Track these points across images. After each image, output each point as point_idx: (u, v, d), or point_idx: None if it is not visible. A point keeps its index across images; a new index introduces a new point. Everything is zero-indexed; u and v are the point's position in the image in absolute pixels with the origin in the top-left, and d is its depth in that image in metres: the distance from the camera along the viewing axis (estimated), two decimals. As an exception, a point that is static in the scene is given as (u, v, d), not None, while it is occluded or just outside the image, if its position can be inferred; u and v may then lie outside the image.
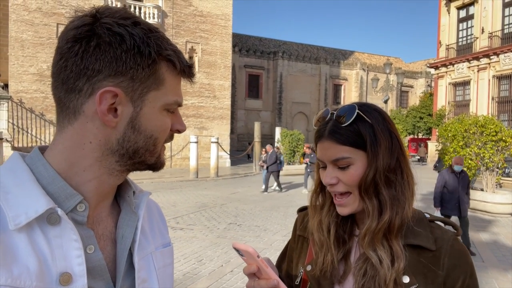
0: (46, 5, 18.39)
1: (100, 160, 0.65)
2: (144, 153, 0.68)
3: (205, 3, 22.87)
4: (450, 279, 0.86)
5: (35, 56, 18.15)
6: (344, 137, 0.87)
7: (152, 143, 0.68)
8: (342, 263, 0.94)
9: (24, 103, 17.96)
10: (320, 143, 0.92)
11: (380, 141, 0.87)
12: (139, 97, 0.65)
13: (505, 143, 9.27)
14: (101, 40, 0.62)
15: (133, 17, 0.65)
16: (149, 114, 0.66)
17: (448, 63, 24.70)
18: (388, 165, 0.87)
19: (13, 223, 0.57)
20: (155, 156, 0.70)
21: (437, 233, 0.90)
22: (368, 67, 46.47)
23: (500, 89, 21.81)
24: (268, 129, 38.47)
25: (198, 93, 22.82)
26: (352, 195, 0.89)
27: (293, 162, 19.27)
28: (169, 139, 0.73)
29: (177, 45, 0.82)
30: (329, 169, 0.90)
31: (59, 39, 0.65)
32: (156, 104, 0.67)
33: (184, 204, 10.57)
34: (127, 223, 0.71)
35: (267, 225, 8.15)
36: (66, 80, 0.63)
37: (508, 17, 21.48)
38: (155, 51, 0.64)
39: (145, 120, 0.66)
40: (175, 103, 0.70)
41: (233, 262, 5.62)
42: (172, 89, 0.69)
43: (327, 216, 0.96)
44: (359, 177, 0.87)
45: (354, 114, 0.87)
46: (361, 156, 0.87)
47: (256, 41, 44.42)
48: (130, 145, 0.66)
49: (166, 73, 0.67)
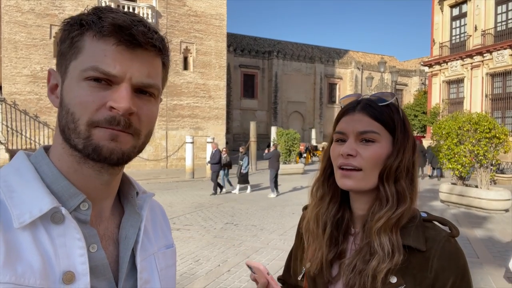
0: (39, 6, 18.26)
1: (63, 147, 0.64)
2: (69, 132, 0.61)
3: (199, 3, 22.82)
4: (439, 281, 0.83)
5: (28, 58, 18.02)
6: (378, 113, 0.89)
7: (71, 120, 0.60)
8: (337, 263, 0.93)
9: (18, 105, 17.83)
10: (348, 116, 0.91)
11: (409, 135, 0.91)
12: (64, 71, 0.63)
13: (499, 140, 9.34)
14: (70, 27, 0.63)
15: (106, 10, 0.62)
16: (68, 86, 0.61)
17: (441, 61, 24.83)
18: (410, 158, 0.90)
19: (17, 221, 0.57)
20: (81, 137, 0.60)
21: (430, 233, 0.87)
22: (363, 66, 46.60)
23: (494, 86, 21.96)
24: (263, 129, 38.47)
25: (193, 93, 22.78)
26: (362, 173, 0.87)
27: (289, 162, 19.29)
28: (104, 122, 0.60)
29: (171, 45, 0.73)
30: (350, 141, 0.89)
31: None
32: (74, 74, 0.61)
33: (181, 205, 10.55)
34: (131, 223, 0.71)
35: (264, 225, 8.16)
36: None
37: (501, 15, 21.63)
38: (79, 22, 0.61)
39: (65, 93, 0.62)
40: (91, 69, 0.59)
41: (230, 262, 5.63)
42: (90, 56, 0.60)
43: (326, 213, 0.95)
44: (379, 157, 0.87)
45: (392, 99, 0.91)
46: (387, 138, 0.89)
47: (251, 41, 44.39)
48: (62, 123, 0.62)
49: (88, 40, 0.61)
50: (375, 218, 0.87)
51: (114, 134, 0.61)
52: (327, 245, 0.93)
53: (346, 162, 0.88)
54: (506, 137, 9.50)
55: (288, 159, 19.19)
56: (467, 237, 7.09)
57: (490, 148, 9.45)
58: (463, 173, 10.04)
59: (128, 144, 0.62)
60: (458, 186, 10.20)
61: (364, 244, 0.88)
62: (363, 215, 0.92)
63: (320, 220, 0.95)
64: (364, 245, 0.88)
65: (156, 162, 21.27)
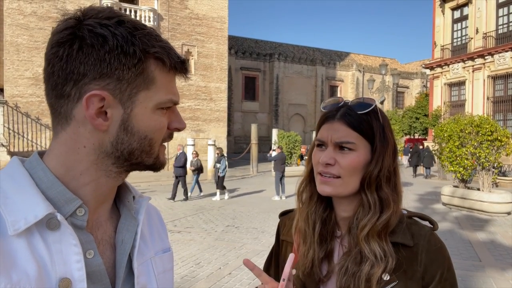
0: (41, 9, 18.34)
1: (96, 163, 0.64)
2: (140, 155, 0.66)
3: (200, 6, 22.89)
4: (428, 274, 0.88)
5: (30, 60, 18.08)
6: (357, 122, 0.90)
7: (147, 144, 0.66)
8: (326, 263, 0.95)
9: (19, 107, 17.88)
10: (328, 124, 0.93)
11: (388, 141, 0.92)
12: (129, 98, 0.63)
13: (501, 142, 9.32)
14: (83, 42, 0.60)
15: (117, 16, 0.63)
16: (141, 115, 0.64)
17: (443, 63, 24.83)
18: (390, 165, 0.92)
19: (12, 228, 0.56)
20: (152, 157, 0.68)
21: (414, 229, 0.92)
22: (364, 68, 46.64)
23: (495, 89, 21.94)
24: (265, 131, 38.48)
25: (195, 95, 22.81)
26: (340, 180, 0.90)
27: (290, 164, 19.28)
28: (167, 139, 0.71)
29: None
30: (329, 149, 0.91)
31: (47, 45, 0.64)
32: (148, 104, 0.65)
33: (182, 207, 10.55)
34: (127, 228, 0.71)
35: (265, 227, 8.15)
36: (55, 86, 0.62)
37: (502, 17, 21.63)
38: (140, 49, 0.62)
39: (138, 121, 0.64)
40: (169, 102, 0.67)
41: (231, 265, 5.61)
42: (165, 87, 0.66)
43: (315, 212, 0.98)
44: (357, 165, 0.89)
45: (371, 106, 0.91)
46: (365, 147, 0.90)
47: (252, 43, 44.49)
48: (124, 147, 0.65)
49: (156, 71, 0.65)
50: (360, 225, 0.89)
51: (165, 150, 0.73)
52: (318, 243, 0.95)
53: (325, 171, 0.91)
54: (508, 140, 9.48)
55: (289, 162, 19.18)
56: (469, 240, 7.06)
57: (492, 150, 9.43)
58: (465, 175, 10.01)
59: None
60: (460, 188, 10.17)
61: (353, 246, 0.91)
62: (347, 217, 0.95)
63: (310, 219, 0.97)
64: (353, 247, 0.91)
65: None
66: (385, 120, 0.93)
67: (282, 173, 12.36)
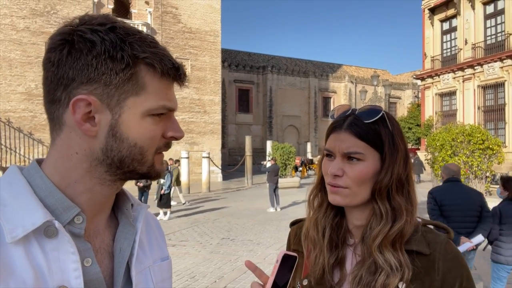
0: (34, 24, 18.38)
1: (90, 171, 0.64)
2: (131, 163, 0.65)
3: (193, 20, 23.09)
4: (447, 283, 0.85)
5: (23, 75, 18.02)
6: (364, 132, 0.88)
7: (138, 152, 0.64)
8: (338, 270, 0.93)
9: (12, 122, 17.75)
10: (335, 134, 0.92)
11: (398, 148, 0.90)
12: (117, 104, 0.62)
13: (492, 151, 9.43)
14: (72, 47, 0.61)
15: (111, 22, 0.63)
16: (130, 121, 0.63)
17: (433, 74, 25.16)
18: (402, 173, 0.90)
19: (10, 236, 0.56)
20: (145, 165, 0.66)
21: (430, 237, 0.90)
22: (356, 80, 47.07)
23: (486, 98, 22.23)
24: (259, 143, 38.49)
25: (189, 108, 22.83)
26: (349, 190, 0.89)
27: (284, 175, 19.26)
28: (164, 148, 0.69)
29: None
30: (337, 160, 0.90)
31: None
32: (137, 110, 0.63)
33: (176, 220, 10.46)
34: (125, 236, 0.70)
35: (260, 239, 8.10)
36: (48, 91, 0.63)
37: (490, 28, 22.07)
38: (129, 54, 0.61)
39: (126, 127, 0.63)
40: (161, 108, 0.65)
41: (226, 278, 5.56)
42: (156, 94, 0.64)
43: (324, 218, 0.96)
44: (365, 175, 0.88)
45: (378, 114, 0.89)
46: (374, 156, 0.89)
47: (245, 56, 44.80)
48: (114, 154, 0.63)
49: (147, 77, 0.63)
50: (372, 235, 0.88)
51: (163, 158, 0.71)
52: (328, 249, 0.93)
53: (333, 182, 0.90)
54: (499, 148, 9.60)
55: (284, 173, 19.17)
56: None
57: (484, 159, 9.52)
58: (458, 184, 10.06)
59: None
60: (454, 197, 10.20)
61: (367, 256, 0.89)
62: (361, 225, 0.93)
63: (319, 225, 0.96)
64: (367, 257, 0.89)
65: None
66: (395, 127, 0.91)
67: (275, 185, 12.33)
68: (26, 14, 18.24)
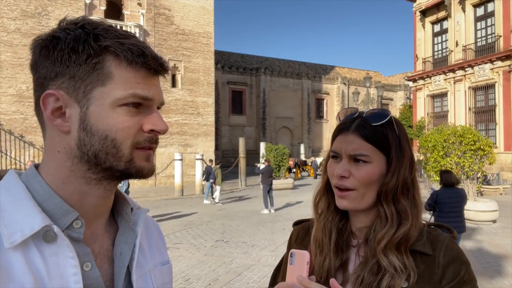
0: (25, 26, 18.21)
1: (73, 169, 0.63)
2: (106, 157, 0.62)
3: (186, 21, 23.06)
4: (446, 276, 0.86)
5: (14, 77, 17.85)
6: (371, 134, 0.89)
7: (110, 145, 0.62)
8: (340, 272, 0.94)
9: (2, 124, 17.55)
10: (342, 136, 0.92)
11: (405, 153, 0.91)
12: (84, 96, 0.61)
13: (484, 151, 9.53)
14: (44, 47, 0.62)
15: (86, 22, 0.63)
16: (98, 113, 0.61)
17: (425, 75, 25.40)
18: (407, 176, 0.90)
19: (8, 241, 0.56)
20: (122, 161, 0.63)
21: (433, 235, 0.91)
22: (349, 81, 47.31)
23: (476, 99, 22.50)
24: (252, 145, 38.49)
25: (182, 110, 22.78)
26: (356, 192, 0.89)
27: (278, 177, 19.29)
28: (145, 143, 0.65)
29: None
30: (344, 161, 0.90)
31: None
32: (105, 100, 0.61)
33: (170, 223, 10.41)
34: (125, 240, 0.70)
35: (255, 241, 8.09)
36: (34, 93, 0.65)
37: (480, 30, 22.36)
38: (91, 45, 0.60)
39: (95, 119, 0.61)
40: (130, 97, 0.62)
41: (221, 280, 5.55)
42: (124, 83, 0.62)
43: (331, 221, 0.97)
44: (371, 177, 0.88)
45: (387, 118, 0.90)
46: (380, 159, 0.89)
47: (239, 58, 44.82)
48: (88, 148, 0.62)
49: (112, 66, 0.62)
50: (377, 238, 0.88)
51: (149, 155, 0.67)
52: (334, 252, 0.94)
53: (340, 183, 0.90)
54: (491, 149, 9.70)
55: (277, 175, 19.18)
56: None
57: (476, 160, 9.62)
58: (450, 185, 10.15)
59: (153, 160, 0.69)
60: (446, 198, 10.29)
61: (369, 257, 0.90)
62: (364, 227, 0.94)
63: (326, 229, 0.97)
64: (369, 258, 0.89)
65: (144, 180, 21.00)
66: (402, 131, 0.92)
67: (269, 186, 12.34)
68: (17, 15, 18.08)
